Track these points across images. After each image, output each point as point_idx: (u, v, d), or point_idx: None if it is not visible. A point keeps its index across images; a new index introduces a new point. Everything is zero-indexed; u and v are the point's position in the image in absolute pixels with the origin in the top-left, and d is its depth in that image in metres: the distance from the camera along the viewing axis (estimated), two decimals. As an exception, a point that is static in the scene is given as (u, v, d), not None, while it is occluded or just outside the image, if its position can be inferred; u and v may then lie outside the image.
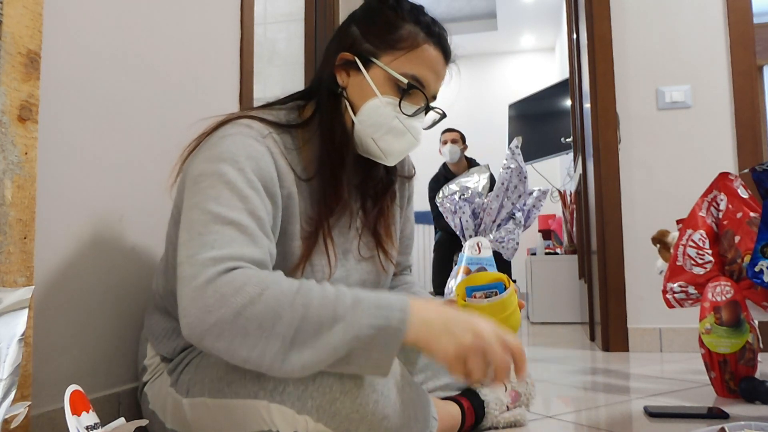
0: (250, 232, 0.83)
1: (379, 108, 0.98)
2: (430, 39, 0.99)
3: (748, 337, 1.50)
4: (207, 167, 0.88)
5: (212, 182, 0.86)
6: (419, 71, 0.98)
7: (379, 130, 0.99)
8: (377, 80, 0.98)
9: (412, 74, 0.98)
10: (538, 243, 4.46)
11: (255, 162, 0.89)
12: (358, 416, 0.80)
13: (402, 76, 0.97)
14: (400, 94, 0.98)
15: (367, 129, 0.99)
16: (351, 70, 1.00)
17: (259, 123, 0.96)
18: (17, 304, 0.61)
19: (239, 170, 0.87)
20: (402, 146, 1.01)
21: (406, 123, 0.99)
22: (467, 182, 3.08)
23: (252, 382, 0.85)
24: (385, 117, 0.98)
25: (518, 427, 1.21)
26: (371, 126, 0.99)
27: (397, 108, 0.98)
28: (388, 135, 0.99)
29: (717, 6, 2.55)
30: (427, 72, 0.99)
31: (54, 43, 1.00)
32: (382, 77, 0.98)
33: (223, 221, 0.82)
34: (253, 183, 0.87)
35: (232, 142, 0.90)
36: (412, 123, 1.00)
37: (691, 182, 2.44)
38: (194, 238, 0.81)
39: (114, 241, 1.17)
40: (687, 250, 1.62)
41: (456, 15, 6.50)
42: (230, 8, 1.71)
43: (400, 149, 1.01)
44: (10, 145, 0.82)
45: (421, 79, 0.99)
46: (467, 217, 2.98)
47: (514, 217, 3.00)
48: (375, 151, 1.01)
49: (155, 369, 1.04)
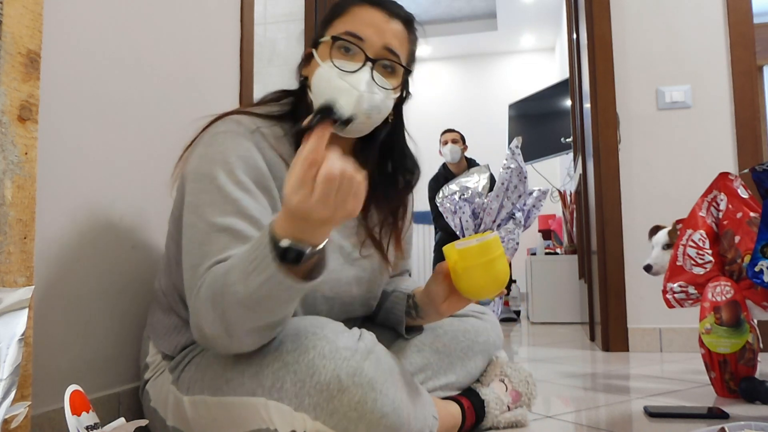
0: (242, 235, 0.88)
1: (322, 74, 0.99)
2: (362, 1, 1.02)
3: (748, 337, 1.50)
4: (201, 168, 0.94)
5: (206, 186, 0.92)
6: (351, 26, 1.00)
7: (326, 94, 0.98)
8: (322, 53, 1.01)
9: (344, 31, 0.99)
10: (538, 243, 4.46)
11: (244, 161, 0.94)
12: (357, 414, 0.79)
13: (333, 35, 1.00)
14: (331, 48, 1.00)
15: (319, 99, 1.00)
16: (311, 59, 1.04)
17: (248, 118, 1.00)
18: (17, 304, 0.61)
19: (229, 172, 0.92)
20: (347, 100, 0.96)
21: (348, 79, 0.97)
22: (467, 182, 3.08)
23: (250, 379, 0.85)
24: (328, 79, 0.98)
25: (520, 427, 1.21)
26: (320, 94, 0.99)
27: (334, 66, 0.98)
28: (336, 96, 0.96)
29: (717, 6, 2.55)
30: (362, 26, 1.00)
31: (54, 43, 1.00)
32: (323, 48, 1.01)
33: (217, 228, 0.88)
34: (243, 184, 0.92)
35: (222, 141, 0.95)
36: (355, 78, 0.97)
37: (691, 182, 2.44)
38: (195, 247, 0.89)
39: (114, 240, 1.17)
40: (687, 250, 1.62)
41: (456, 15, 6.50)
42: (230, 8, 1.71)
43: (347, 103, 0.97)
44: (10, 145, 0.82)
45: (356, 32, 0.99)
46: (467, 217, 2.98)
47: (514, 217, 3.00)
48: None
49: (157, 366, 1.04)
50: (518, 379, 1.25)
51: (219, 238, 0.88)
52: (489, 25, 6.57)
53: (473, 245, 0.98)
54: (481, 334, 1.23)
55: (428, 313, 1.11)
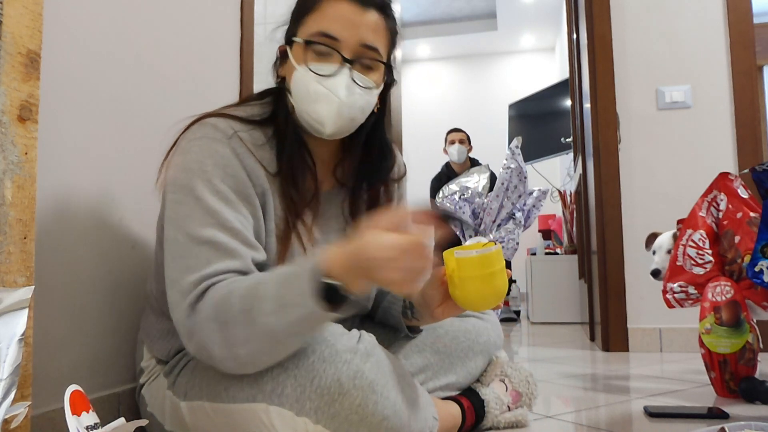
0: (223, 247, 0.87)
1: (300, 78, 0.96)
2: None
3: (748, 337, 1.50)
4: (178, 178, 0.92)
5: (184, 198, 0.90)
6: (324, 26, 0.95)
7: (306, 101, 0.97)
8: (296, 55, 0.98)
9: (317, 31, 0.95)
10: (538, 243, 4.46)
11: (222, 169, 0.92)
12: (358, 417, 0.79)
13: (306, 38, 0.95)
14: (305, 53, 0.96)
15: (299, 105, 0.98)
16: (285, 58, 1.01)
17: (225, 121, 0.96)
18: (17, 304, 0.61)
19: (207, 182, 0.90)
20: (328, 110, 0.95)
21: (326, 83, 0.95)
22: (467, 182, 3.08)
23: (249, 385, 0.85)
24: (305, 84, 0.96)
25: (520, 427, 1.21)
26: (300, 100, 0.97)
27: (310, 71, 0.95)
28: (315, 103, 0.96)
29: (717, 6, 2.55)
30: (335, 24, 0.94)
31: (54, 43, 1.00)
32: (298, 49, 0.97)
33: (198, 241, 0.87)
34: (222, 194, 0.90)
35: (199, 149, 0.93)
36: (332, 82, 0.95)
37: (691, 182, 2.44)
38: (176, 261, 0.88)
39: (114, 241, 1.17)
40: (687, 250, 1.62)
41: (456, 15, 6.50)
42: (230, 8, 1.71)
43: (328, 114, 0.96)
44: (10, 145, 0.82)
45: (329, 32, 0.94)
46: (467, 217, 2.97)
47: (514, 217, 3.00)
48: (313, 124, 0.98)
49: (152, 371, 1.04)
50: (518, 379, 1.25)
51: (200, 252, 0.86)
52: (489, 25, 6.56)
53: (473, 256, 0.93)
54: (481, 334, 1.23)
55: (423, 316, 1.09)
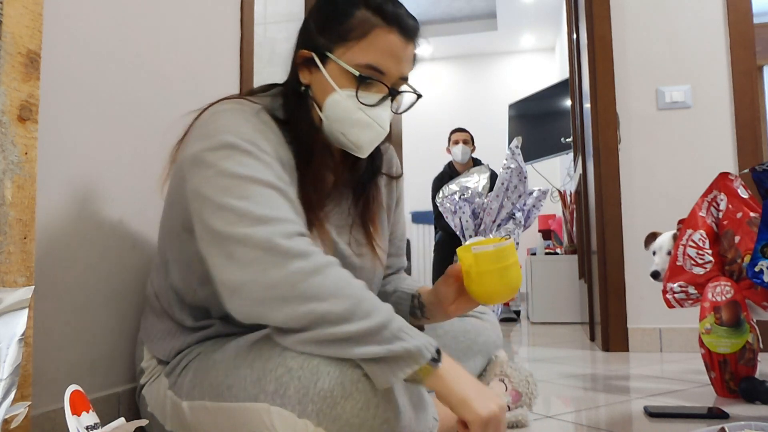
0: (290, 197, 0.87)
1: (340, 102, 0.96)
2: (382, 22, 0.95)
3: (748, 337, 1.50)
4: (208, 143, 0.87)
5: (225, 153, 0.85)
6: (374, 59, 0.94)
7: (344, 124, 0.97)
8: (334, 74, 0.96)
9: (366, 63, 0.94)
10: (538, 243, 4.46)
11: (259, 131, 0.90)
12: (359, 420, 0.79)
13: (355, 68, 0.94)
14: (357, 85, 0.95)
15: (333, 124, 0.98)
16: (312, 67, 0.99)
17: (246, 101, 0.96)
18: (17, 304, 0.61)
19: (242, 136, 0.87)
20: (370, 137, 0.98)
21: (370, 113, 0.96)
22: (467, 182, 3.08)
23: (252, 385, 0.84)
24: (347, 111, 0.96)
25: (520, 427, 1.21)
26: (337, 121, 0.98)
27: (356, 99, 0.95)
28: (355, 128, 0.97)
29: (717, 6, 2.55)
30: (384, 58, 0.95)
31: (54, 43, 1.00)
32: (339, 70, 0.96)
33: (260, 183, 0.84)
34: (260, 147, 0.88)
35: (230, 116, 0.91)
36: (376, 113, 0.97)
37: (691, 182, 2.44)
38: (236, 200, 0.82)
39: (114, 241, 1.17)
40: (687, 250, 1.62)
41: (456, 15, 6.50)
42: (230, 8, 1.71)
43: (369, 140, 0.99)
44: (10, 145, 0.82)
45: (378, 67, 0.95)
46: (467, 217, 2.97)
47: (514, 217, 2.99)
48: (347, 144, 1.00)
49: (152, 371, 1.04)
50: (518, 378, 1.25)
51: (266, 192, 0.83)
52: (489, 25, 6.56)
53: (490, 250, 0.96)
54: (481, 334, 1.23)
55: (435, 314, 1.10)
